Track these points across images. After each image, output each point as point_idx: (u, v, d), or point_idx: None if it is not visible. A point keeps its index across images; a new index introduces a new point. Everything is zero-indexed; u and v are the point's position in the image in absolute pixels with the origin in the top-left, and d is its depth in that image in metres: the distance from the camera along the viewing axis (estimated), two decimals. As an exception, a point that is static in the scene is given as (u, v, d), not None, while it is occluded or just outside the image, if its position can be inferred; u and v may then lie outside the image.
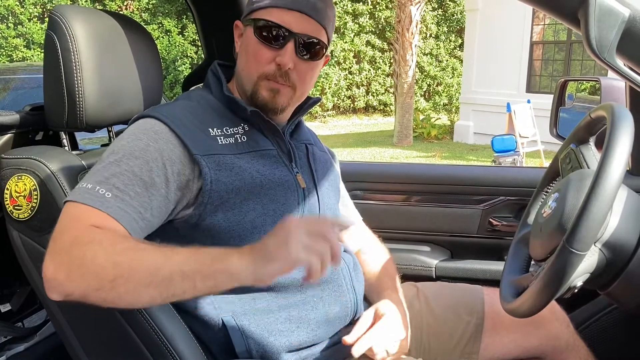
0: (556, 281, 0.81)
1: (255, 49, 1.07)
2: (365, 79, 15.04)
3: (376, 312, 1.10)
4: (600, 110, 0.94)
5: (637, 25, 0.84)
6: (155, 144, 0.97)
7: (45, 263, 0.84)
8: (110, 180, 0.91)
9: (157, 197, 0.95)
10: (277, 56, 1.06)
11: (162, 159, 0.96)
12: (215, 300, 1.02)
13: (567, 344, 1.24)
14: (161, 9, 13.60)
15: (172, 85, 12.97)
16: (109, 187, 0.90)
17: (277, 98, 1.09)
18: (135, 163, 0.94)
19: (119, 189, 0.91)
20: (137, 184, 0.93)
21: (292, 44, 1.06)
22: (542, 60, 10.16)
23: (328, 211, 1.18)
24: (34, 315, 1.74)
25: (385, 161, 8.51)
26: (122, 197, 0.91)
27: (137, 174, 0.93)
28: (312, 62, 1.10)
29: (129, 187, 0.92)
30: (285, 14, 1.05)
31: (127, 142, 0.97)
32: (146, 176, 0.94)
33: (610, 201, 0.77)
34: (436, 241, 1.82)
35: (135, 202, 0.92)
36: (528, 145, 7.64)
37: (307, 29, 1.07)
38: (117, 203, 0.90)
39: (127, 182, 0.92)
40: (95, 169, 0.95)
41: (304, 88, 1.13)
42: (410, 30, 10.19)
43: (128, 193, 0.91)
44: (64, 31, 1.08)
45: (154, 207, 0.95)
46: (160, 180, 0.95)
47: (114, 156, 0.95)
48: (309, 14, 1.06)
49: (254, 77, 1.08)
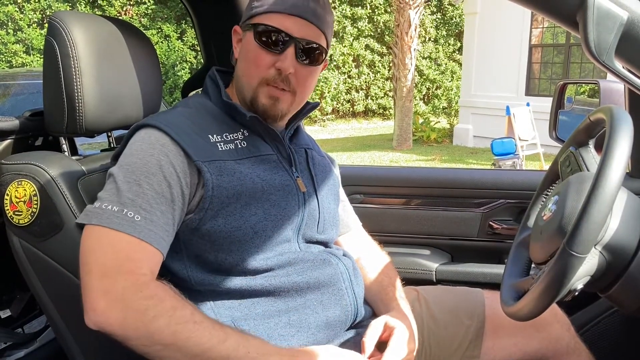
0: (557, 284, 0.81)
1: (255, 53, 1.07)
2: (364, 82, 15.06)
3: (386, 324, 1.09)
4: (599, 112, 0.94)
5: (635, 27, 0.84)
6: (166, 158, 0.98)
7: (94, 293, 0.86)
8: (135, 201, 0.93)
9: (177, 211, 0.97)
10: (277, 61, 1.06)
11: (176, 172, 0.97)
12: (214, 305, 1.02)
13: (568, 346, 1.24)
14: (160, 14, 13.62)
15: (171, 90, 12.99)
16: (136, 210, 0.92)
17: (277, 105, 1.09)
18: (154, 180, 0.95)
19: (146, 210, 0.93)
20: (161, 202, 0.94)
21: (292, 49, 1.06)
22: (541, 63, 10.17)
23: (327, 215, 1.18)
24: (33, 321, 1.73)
25: (384, 165, 8.51)
26: (151, 219, 0.92)
27: (159, 192, 0.95)
28: (312, 67, 1.10)
29: (154, 207, 0.93)
30: (286, 19, 1.05)
31: (139, 160, 0.97)
32: (167, 193, 0.95)
33: (610, 204, 0.77)
34: (436, 245, 1.82)
35: (162, 221, 0.94)
36: (528, 148, 7.65)
37: (307, 34, 1.07)
38: (147, 225, 0.92)
39: (152, 202, 0.93)
40: (114, 189, 0.95)
41: (304, 93, 1.13)
42: (409, 34, 10.21)
43: (155, 213, 0.93)
44: (63, 37, 1.08)
45: (177, 221, 0.98)
46: (177, 194, 0.97)
47: (131, 176, 0.95)
48: (309, 19, 1.06)
49: (254, 82, 1.08)
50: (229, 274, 1.02)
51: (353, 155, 9.60)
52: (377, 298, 1.21)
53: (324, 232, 1.17)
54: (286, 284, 1.04)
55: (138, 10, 13.45)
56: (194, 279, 1.02)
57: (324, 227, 1.17)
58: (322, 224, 1.16)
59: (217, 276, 1.02)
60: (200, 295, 1.03)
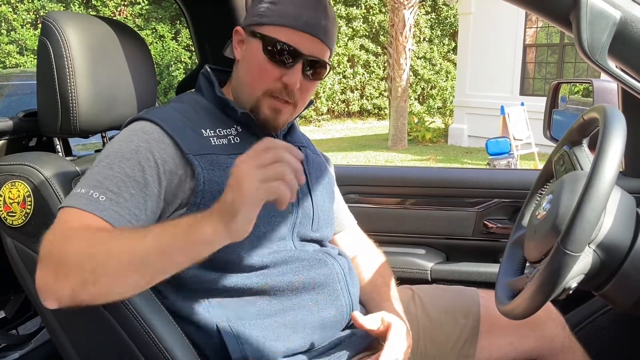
0: (551, 283, 0.81)
1: (262, 65, 1.06)
2: (359, 82, 15.06)
3: (383, 319, 1.09)
4: (592, 112, 0.94)
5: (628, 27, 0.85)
6: (146, 144, 0.97)
7: (37, 272, 0.84)
8: (103, 183, 0.91)
9: (151, 197, 0.95)
10: (284, 75, 1.05)
11: (154, 158, 0.96)
12: (210, 305, 1.02)
13: (563, 345, 1.25)
14: (154, 15, 13.59)
15: (166, 91, 12.95)
16: (103, 191, 0.90)
17: (278, 117, 1.09)
18: (127, 164, 0.94)
19: (113, 191, 0.91)
20: (131, 185, 0.93)
21: (300, 65, 1.05)
22: (535, 63, 10.20)
23: (322, 213, 1.18)
24: (28, 322, 1.73)
25: (380, 165, 8.52)
26: (117, 200, 0.91)
27: (130, 175, 0.93)
28: (315, 81, 1.11)
29: (122, 189, 0.92)
30: (297, 35, 1.04)
31: (117, 146, 0.97)
32: (139, 177, 0.94)
33: (603, 202, 0.78)
34: (431, 244, 1.82)
35: (130, 204, 0.92)
36: (522, 148, 7.66)
37: (315, 51, 1.07)
38: (111, 206, 0.90)
39: (120, 184, 0.92)
40: (88, 173, 0.95)
41: (303, 104, 1.14)
42: (403, 34, 10.22)
43: (122, 195, 0.91)
44: (56, 37, 1.08)
45: (149, 207, 0.95)
46: (152, 180, 0.95)
47: (106, 160, 0.95)
48: (319, 38, 1.06)
49: (257, 92, 1.08)
50: (223, 272, 1.02)
51: (348, 155, 9.61)
52: (369, 298, 1.21)
53: (318, 230, 1.17)
54: (281, 284, 1.04)
55: (132, 11, 13.42)
56: (188, 276, 1.02)
57: (318, 225, 1.17)
58: (316, 222, 1.16)
59: (212, 273, 1.02)
60: (194, 293, 1.02)
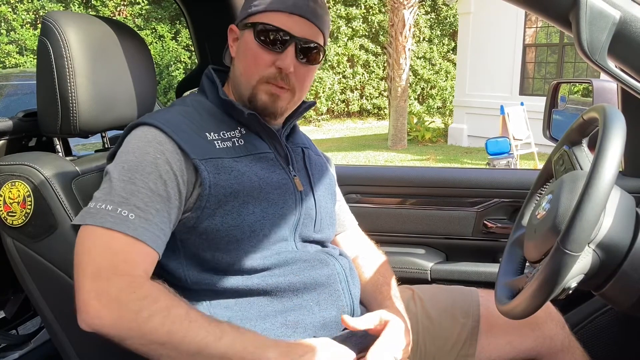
0: (550, 282, 0.81)
1: (255, 52, 1.07)
2: (359, 82, 15.07)
3: (380, 318, 1.08)
4: (592, 111, 0.94)
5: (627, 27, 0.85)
6: (162, 155, 0.97)
7: (86, 294, 0.86)
8: (130, 200, 0.92)
9: (174, 209, 0.97)
10: (277, 60, 1.06)
11: (172, 170, 0.97)
12: (210, 305, 1.02)
13: (563, 345, 1.25)
14: (154, 15, 13.58)
15: (165, 91, 12.95)
16: (131, 208, 0.91)
17: (276, 102, 1.09)
18: (150, 179, 0.94)
19: (141, 208, 0.92)
20: (156, 200, 0.94)
21: (292, 48, 1.06)
22: (535, 62, 10.20)
23: (324, 215, 1.18)
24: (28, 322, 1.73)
25: (380, 165, 8.52)
26: (145, 217, 0.92)
27: (154, 190, 0.94)
28: (311, 65, 1.11)
29: (149, 205, 0.93)
30: (286, 18, 1.06)
31: (134, 157, 0.97)
32: (162, 191, 0.95)
33: (603, 202, 0.78)
34: (431, 244, 1.82)
35: (157, 219, 0.93)
36: (522, 148, 7.67)
37: (307, 33, 1.07)
38: (141, 224, 0.91)
39: (146, 200, 0.93)
40: (109, 187, 0.94)
41: (302, 92, 1.13)
42: (403, 34, 10.22)
43: (150, 212, 0.92)
44: (56, 37, 1.08)
45: (172, 220, 0.97)
46: (174, 193, 0.96)
47: (126, 174, 0.95)
48: (309, 19, 1.07)
49: (253, 80, 1.08)
50: (225, 273, 1.02)
51: (348, 155, 9.61)
52: (371, 297, 1.21)
53: (320, 232, 1.17)
54: (282, 284, 1.04)
55: (132, 11, 13.41)
56: (191, 278, 1.02)
57: (320, 226, 1.17)
58: (318, 223, 1.16)
59: (214, 275, 1.02)
60: (196, 294, 1.02)
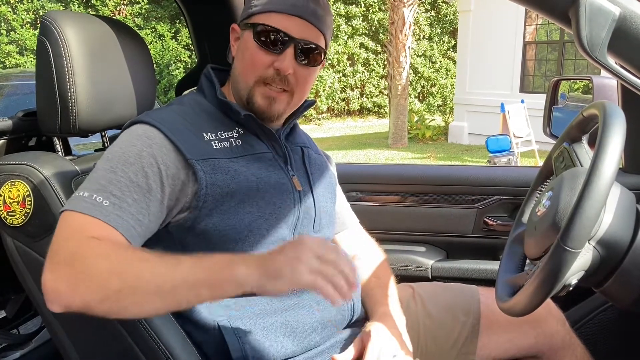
0: (551, 279, 0.81)
1: (254, 53, 1.07)
2: (359, 81, 15.06)
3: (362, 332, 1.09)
4: (592, 108, 0.94)
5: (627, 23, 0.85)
6: (149, 149, 0.97)
7: (45, 275, 0.84)
8: (107, 187, 0.91)
9: (154, 202, 0.95)
10: (275, 61, 1.06)
11: (156, 163, 0.96)
12: (210, 304, 1.02)
13: (563, 342, 1.25)
14: (154, 14, 13.58)
15: (166, 90, 12.95)
16: (107, 195, 0.91)
17: (273, 106, 1.09)
18: (131, 169, 0.94)
19: (117, 196, 0.91)
20: (134, 190, 0.93)
21: (291, 50, 1.05)
22: (535, 60, 10.19)
23: (324, 214, 1.18)
24: (29, 322, 1.73)
25: (380, 163, 8.52)
26: (120, 205, 0.91)
27: (134, 180, 0.93)
28: (311, 67, 1.10)
29: (126, 194, 0.92)
30: (285, 19, 1.05)
31: (120, 149, 0.97)
32: (143, 182, 0.94)
33: (603, 199, 0.78)
34: (432, 241, 1.82)
35: (133, 208, 0.92)
36: (522, 145, 7.66)
37: (306, 34, 1.07)
38: (115, 211, 0.90)
39: (124, 189, 0.92)
40: (91, 177, 0.95)
41: (302, 94, 1.13)
42: (403, 32, 10.21)
43: (126, 200, 0.92)
44: (56, 37, 1.08)
45: (152, 212, 0.95)
46: (156, 186, 0.95)
47: (109, 163, 0.95)
48: (308, 20, 1.06)
49: (250, 81, 1.08)
50: (225, 272, 1.02)
51: (349, 154, 9.61)
52: (367, 299, 1.21)
53: (320, 231, 1.17)
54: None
55: (132, 10, 13.41)
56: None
57: (320, 225, 1.16)
58: (318, 223, 1.16)
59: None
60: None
